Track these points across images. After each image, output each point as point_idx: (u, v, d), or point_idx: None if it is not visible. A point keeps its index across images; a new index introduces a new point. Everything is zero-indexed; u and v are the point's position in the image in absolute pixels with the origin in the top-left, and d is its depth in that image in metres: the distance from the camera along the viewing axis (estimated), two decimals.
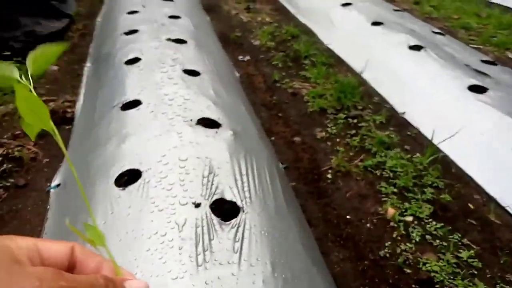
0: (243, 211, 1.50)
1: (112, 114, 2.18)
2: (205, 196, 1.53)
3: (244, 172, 1.74)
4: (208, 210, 1.48)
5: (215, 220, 1.42)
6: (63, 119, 2.49)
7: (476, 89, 2.80)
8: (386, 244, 1.77)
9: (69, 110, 2.60)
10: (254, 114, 2.64)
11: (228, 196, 1.57)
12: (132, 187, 1.58)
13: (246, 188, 1.65)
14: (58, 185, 1.99)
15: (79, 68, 3.17)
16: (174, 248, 1.26)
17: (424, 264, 1.67)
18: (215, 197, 1.55)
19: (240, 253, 1.31)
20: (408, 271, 1.65)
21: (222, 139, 1.91)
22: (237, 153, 1.85)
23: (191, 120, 2.01)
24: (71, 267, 0.34)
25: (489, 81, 2.92)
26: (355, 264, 1.67)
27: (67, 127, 2.43)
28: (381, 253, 1.73)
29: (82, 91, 2.89)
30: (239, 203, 1.55)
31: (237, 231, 1.40)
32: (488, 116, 2.58)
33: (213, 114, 2.11)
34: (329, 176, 2.22)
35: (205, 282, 1.16)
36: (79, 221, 1.50)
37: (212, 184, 1.61)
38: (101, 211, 1.47)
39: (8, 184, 1.91)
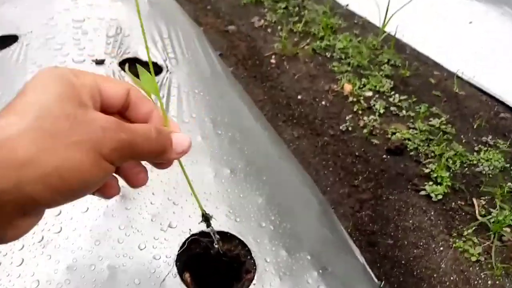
0: (167, 70, 1.12)
1: None
2: (110, 54, 1.12)
3: (165, 35, 1.34)
4: (117, 68, 1.08)
5: (128, 78, 1.02)
6: None
7: None
8: (347, 118, 1.50)
9: None
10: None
11: (144, 57, 1.18)
12: (2, 53, 1.13)
13: (170, 50, 1.26)
14: None
15: None
16: None
17: (394, 133, 1.44)
18: (126, 56, 1.14)
19: (167, 110, 0.94)
20: (376, 141, 1.41)
21: (133, 4, 1.48)
22: (155, 18, 1.43)
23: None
24: (125, 108, 0.33)
25: None
26: (313, 141, 1.39)
27: None
28: (342, 127, 1.47)
29: None
30: (160, 62, 1.16)
31: (160, 88, 1.02)
32: None
33: None
34: (272, 61, 1.90)
35: None
36: None
37: (122, 44, 1.20)
38: None
39: None
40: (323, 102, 1.61)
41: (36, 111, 0.25)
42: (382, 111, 1.57)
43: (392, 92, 1.70)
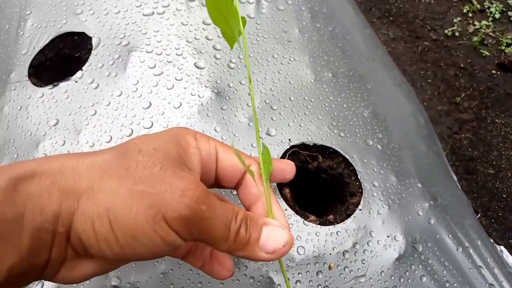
0: None
1: None
2: None
3: None
4: None
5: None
6: None
7: None
8: (454, 21, 1.29)
9: None
10: None
11: None
12: None
13: None
14: None
15: None
16: None
17: (509, 45, 1.23)
18: None
19: None
20: (486, 53, 1.22)
21: None
22: None
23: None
24: (238, 185, 0.31)
25: None
26: (411, 45, 1.22)
27: None
28: (447, 31, 1.27)
29: None
30: None
31: None
32: None
33: None
34: None
35: (204, 22, 0.69)
36: None
37: None
38: None
39: None
40: None
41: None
42: (497, 16, 1.33)
43: None
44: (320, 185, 0.59)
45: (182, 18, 0.69)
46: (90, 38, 0.67)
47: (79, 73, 0.62)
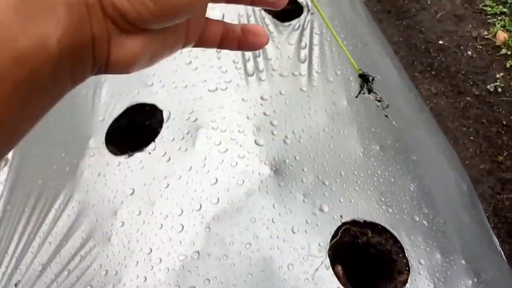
0: (309, 10, 1.03)
1: None
2: None
3: None
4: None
5: (268, 18, 0.97)
6: None
7: None
8: (497, 76, 1.32)
9: None
10: None
11: None
12: None
13: None
14: None
15: None
16: (208, 50, 0.84)
17: None
18: None
19: (310, 63, 0.88)
20: None
21: None
22: None
23: None
24: None
25: None
26: (453, 100, 1.25)
27: None
28: (489, 87, 1.29)
29: None
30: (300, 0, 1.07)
31: (301, 34, 0.96)
32: None
33: None
34: None
35: (261, 97, 0.76)
36: None
37: None
38: None
39: None
40: (469, 52, 1.42)
41: None
42: None
43: None
44: (370, 261, 0.64)
45: (242, 94, 0.77)
46: (161, 110, 0.76)
47: (152, 145, 0.71)
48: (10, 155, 0.95)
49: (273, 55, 0.87)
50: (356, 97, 0.71)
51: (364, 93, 0.38)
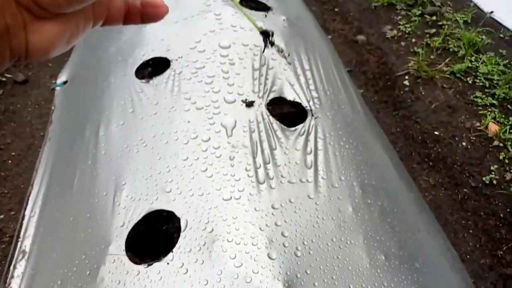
0: (312, 115, 1.12)
1: None
2: (258, 94, 1.15)
3: (307, 67, 1.34)
4: (265, 111, 1.11)
5: (276, 124, 1.05)
6: None
7: None
8: (492, 168, 1.39)
9: None
10: (305, 6, 2.17)
11: (289, 95, 1.19)
12: (158, 80, 1.21)
13: (312, 87, 1.25)
14: (65, 82, 1.64)
15: None
16: (222, 157, 0.91)
17: None
18: (272, 96, 1.16)
19: (316, 169, 0.95)
20: None
21: (273, 24, 1.48)
22: (295, 42, 1.43)
23: None
24: None
25: None
26: (451, 192, 1.31)
27: None
28: (485, 179, 1.35)
29: None
30: (305, 103, 1.16)
31: (307, 139, 1.03)
32: None
33: None
34: (406, 83, 1.80)
35: (272, 207, 0.82)
36: (90, 121, 1.16)
37: (267, 78, 1.22)
38: (118, 109, 1.11)
39: (4, 79, 1.58)
40: (463, 143, 1.50)
41: None
42: None
43: None
44: None
45: (255, 203, 0.82)
46: (178, 218, 0.81)
47: (170, 255, 0.75)
48: (27, 247, 0.98)
49: (282, 162, 0.93)
50: (262, 52, 0.75)
51: (268, 47, 0.44)
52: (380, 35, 2.14)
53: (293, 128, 1.06)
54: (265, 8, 1.62)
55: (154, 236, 0.83)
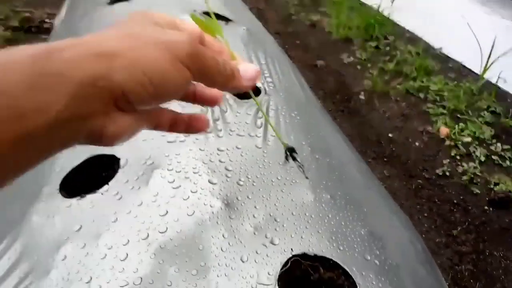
0: (266, 93, 1.13)
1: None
2: None
3: (263, 61, 1.38)
4: None
5: (228, 95, 1.05)
6: (39, 29, 2.11)
7: None
8: (444, 162, 1.41)
9: (47, 20, 2.22)
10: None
11: None
12: None
13: (267, 74, 1.28)
14: None
15: None
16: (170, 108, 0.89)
17: (497, 184, 1.32)
18: None
19: (265, 129, 0.94)
20: (477, 191, 1.30)
21: (234, 31, 1.55)
22: (254, 46, 1.48)
23: (194, 10, 1.64)
24: None
25: None
26: (405, 183, 1.31)
27: (43, 36, 2.06)
28: (438, 171, 1.37)
29: (65, 6, 2.52)
30: (259, 85, 1.18)
31: (258, 108, 1.03)
32: None
33: (221, 11, 1.75)
34: (361, 97, 1.86)
35: (218, 149, 0.80)
36: None
37: None
38: None
39: None
40: (417, 143, 1.53)
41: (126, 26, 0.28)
42: (483, 159, 1.45)
43: (494, 141, 1.57)
44: None
45: (200, 145, 0.80)
46: (119, 159, 0.77)
47: (105, 187, 0.70)
48: None
49: (232, 120, 0.93)
50: (285, 162, 0.76)
51: (288, 161, 0.47)
52: (338, 61, 2.25)
53: (246, 100, 1.06)
54: (227, 20, 1.69)
55: (94, 182, 0.79)
